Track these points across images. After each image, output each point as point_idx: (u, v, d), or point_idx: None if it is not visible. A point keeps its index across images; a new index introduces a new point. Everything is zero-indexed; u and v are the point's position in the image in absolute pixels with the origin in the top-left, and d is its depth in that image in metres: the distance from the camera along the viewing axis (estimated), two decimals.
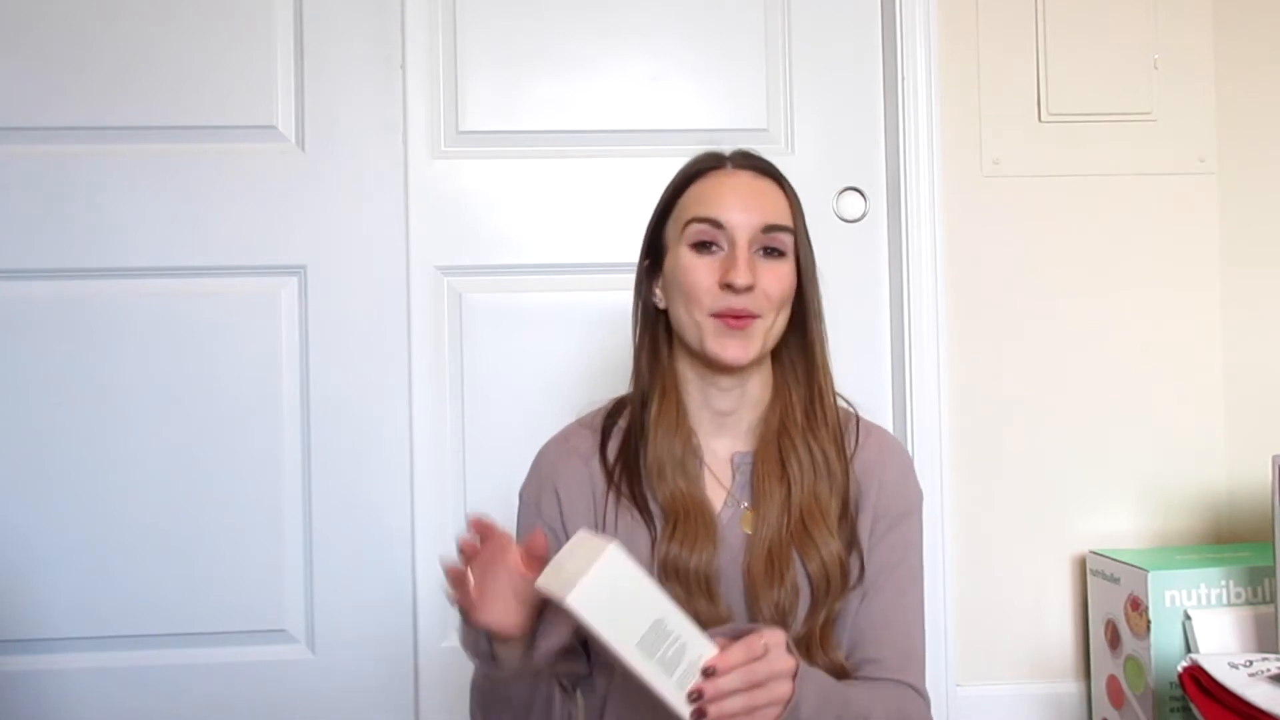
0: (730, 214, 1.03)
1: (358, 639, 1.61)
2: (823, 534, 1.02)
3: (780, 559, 1.02)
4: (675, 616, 0.86)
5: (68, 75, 1.58)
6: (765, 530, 1.03)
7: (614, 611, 0.83)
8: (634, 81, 1.66)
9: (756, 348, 1.03)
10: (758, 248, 1.03)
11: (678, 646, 0.85)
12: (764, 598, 1.01)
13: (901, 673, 1.05)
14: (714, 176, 1.06)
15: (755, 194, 1.04)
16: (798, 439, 1.05)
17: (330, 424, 1.61)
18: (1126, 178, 1.69)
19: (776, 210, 1.04)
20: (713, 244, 1.03)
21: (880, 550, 1.07)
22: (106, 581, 1.58)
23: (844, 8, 1.70)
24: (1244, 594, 1.49)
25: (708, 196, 1.04)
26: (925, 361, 1.64)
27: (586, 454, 1.09)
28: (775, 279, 1.03)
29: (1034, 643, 1.69)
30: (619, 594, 0.84)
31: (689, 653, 0.85)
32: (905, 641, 1.07)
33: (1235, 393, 1.71)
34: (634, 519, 1.05)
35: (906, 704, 1.05)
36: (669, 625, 0.85)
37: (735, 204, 1.03)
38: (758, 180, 1.06)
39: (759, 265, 1.02)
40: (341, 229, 1.62)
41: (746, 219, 1.02)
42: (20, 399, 1.58)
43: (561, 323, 1.65)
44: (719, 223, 1.02)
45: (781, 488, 1.04)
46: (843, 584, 1.03)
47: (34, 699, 1.58)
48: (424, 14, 1.63)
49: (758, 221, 1.03)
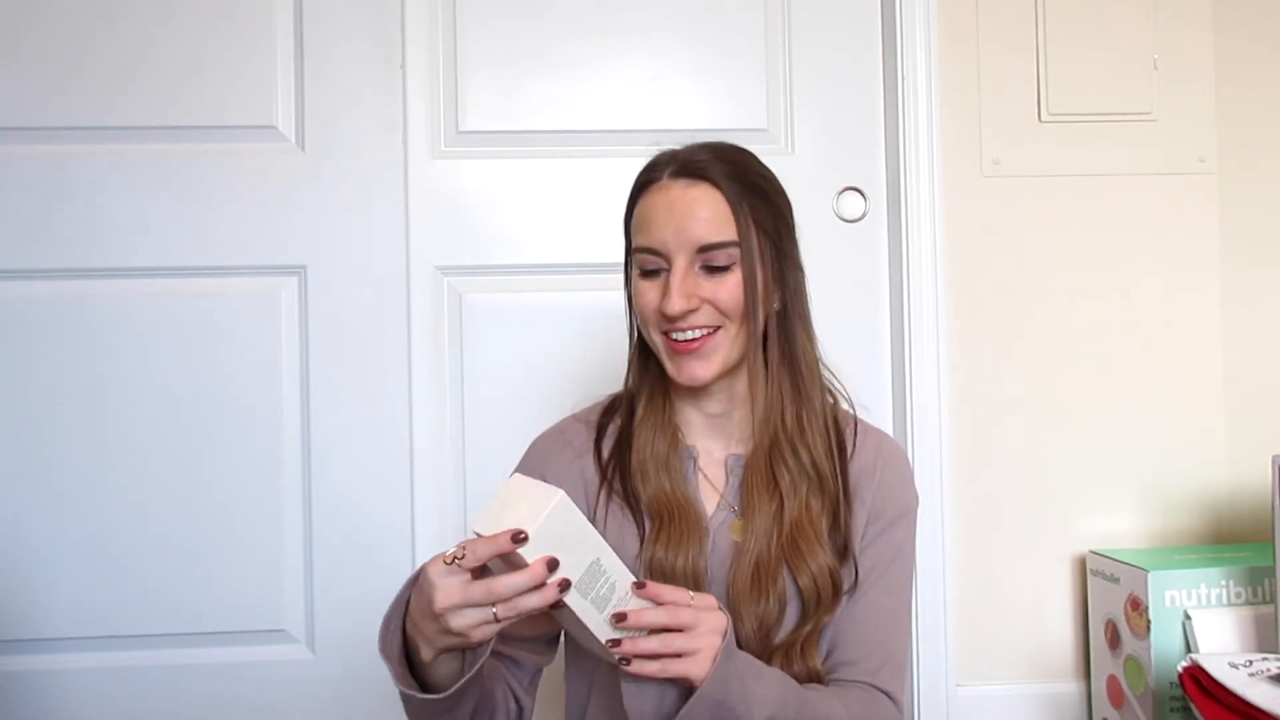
0: (664, 238, 1.00)
1: (358, 639, 1.61)
2: (813, 547, 1.01)
3: (767, 574, 1.00)
4: (609, 557, 0.89)
5: (68, 75, 1.59)
6: (753, 543, 1.01)
7: (559, 554, 0.85)
8: (634, 81, 1.66)
9: (717, 363, 1.01)
10: (699, 265, 1.00)
11: (609, 585, 0.89)
12: (746, 611, 1.00)
13: (876, 677, 1.03)
14: (651, 193, 1.02)
15: (689, 210, 0.99)
16: (786, 448, 1.03)
17: (330, 424, 1.61)
18: (1126, 178, 1.69)
19: (712, 224, 0.99)
20: (656, 269, 1.01)
21: (870, 553, 1.05)
22: (106, 581, 1.58)
23: (844, 8, 1.70)
24: (1244, 594, 1.49)
25: (645, 219, 1.02)
26: (925, 361, 1.64)
27: (580, 449, 1.08)
28: (724, 292, 1.00)
29: (1034, 643, 1.69)
30: (566, 538, 0.86)
31: (618, 591, 0.89)
32: (884, 645, 1.05)
33: (1235, 393, 1.71)
34: (625, 517, 1.04)
35: (875, 709, 1.02)
36: (603, 565, 0.88)
37: (668, 225, 0.99)
38: (692, 190, 1.00)
39: (701, 282, 1.00)
40: (341, 229, 1.62)
41: (679, 240, 0.99)
42: (20, 399, 1.58)
43: (561, 323, 1.65)
44: (655, 250, 1.00)
45: (772, 501, 1.02)
46: (834, 597, 1.02)
47: (34, 699, 1.58)
48: (424, 14, 1.63)
49: (692, 241, 0.99)
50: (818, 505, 1.03)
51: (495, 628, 0.85)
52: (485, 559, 0.84)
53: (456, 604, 0.84)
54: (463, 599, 0.84)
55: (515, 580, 0.83)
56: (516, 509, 0.86)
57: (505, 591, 0.83)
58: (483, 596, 0.84)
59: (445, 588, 0.84)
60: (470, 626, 0.84)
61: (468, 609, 0.84)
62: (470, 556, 0.84)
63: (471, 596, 0.84)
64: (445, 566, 0.85)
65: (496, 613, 0.84)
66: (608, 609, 0.89)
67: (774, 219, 1.03)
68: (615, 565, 0.89)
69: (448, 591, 0.84)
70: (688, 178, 1.01)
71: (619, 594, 0.89)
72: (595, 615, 0.88)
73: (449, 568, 0.84)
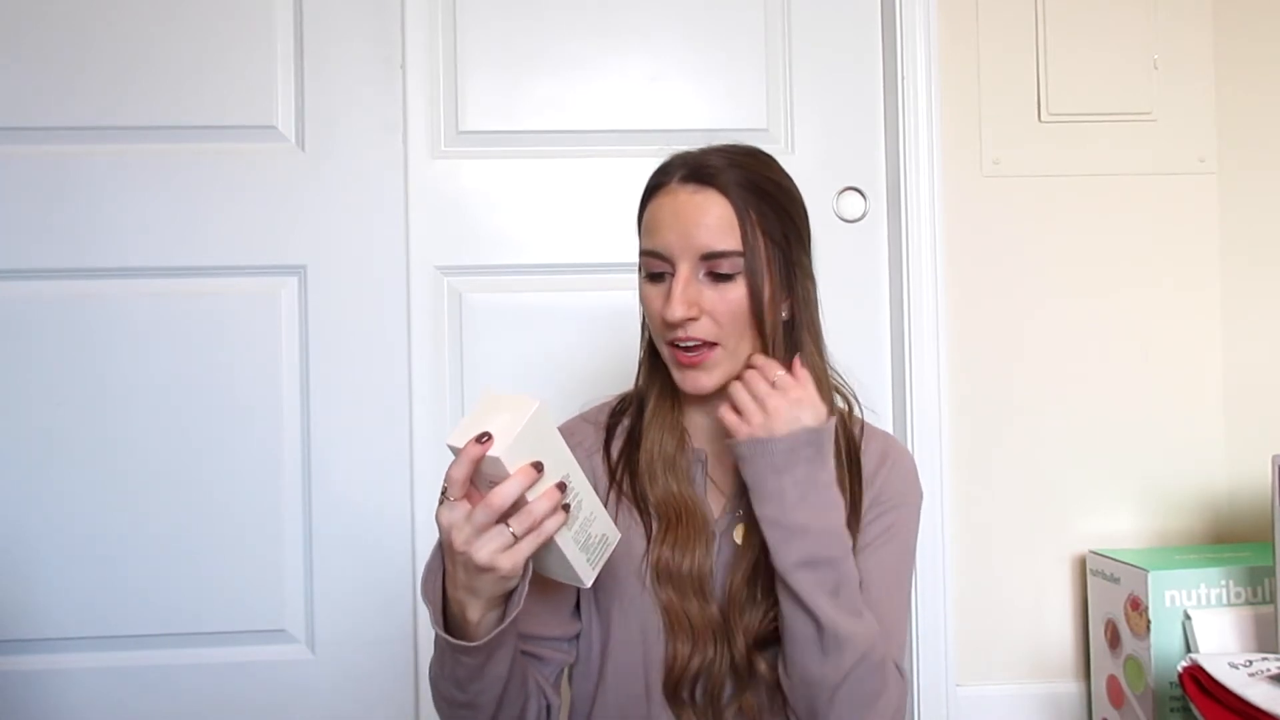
0: (668, 243, 0.99)
1: (358, 639, 1.61)
2: None
3: (762, 582, 1.01)
4: (578, 474, 0.90)
5: (68, 75, 1.59)
6: (751, 554, 1.01)
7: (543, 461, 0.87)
8: (634, 81, 1.66)
9: (718, 376, 1.00)
10: (703, 272, 0.99)
11: (577, 502, 0.90)
12: (742, 613, 1.01)
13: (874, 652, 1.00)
14: (659, 197, 1.01)
15: (695, 216, 0.98)
16: None
17: (330, 424, 1.61)
18: (1126, 178, 1.69)
19: (716, 232, 0.98)
20: (662, 273, 1.01)
21: (868, 532, 1.04)
22: (106, 581, 1.58)
23: (844, 8, 1.70)
24: (1244, 594, 1.49)
25: (652, 223, 1.01)
26: (925, 361, 1.65)
27: (590, 449, 1.08)
28: (723, 304, 0.98)
29: (1034, 642, 1.69)
30: (540, 450, 0.87)
31: (584, 509, 0.91)
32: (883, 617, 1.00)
33: (1235, 393, 1.71)
34: (633, 517, 1.05)
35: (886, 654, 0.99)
36: (573, 482, 0.89)
37: (673, 231, 0.99)
38: (698, 195, 0.99)
39: (704, 290, 0.99)
40: (341, 229, 1.62)
41: (684, 246, 0.98)
42: (20, 399, 1.58)
43: (561, 322, 1.65)
44: (660, 254, 1.00)
45: None
46: None
47: (34, 699, 1.58)
48: (424, 14, 1.63)
49: (696, 248, 0.98)
50: None
51: (520, 550, 0.85)
52: (466, 476, 0.86)
53: (469, 534, 0.85)
54: (471, 525, 0.85)
55: (508, 488, 0.84)
56: (494, 419, 0.86)
57: (502, 501, 0.84)
58: (486, 514, 0.85)
59: (453, 523, 0.86)
60: (494, 553, 0.85)
61: (483, 536, 0.85)
62: (452, 485, 0.86)
63: (478, 520, 0.85)
64: (444, 506, 0.87)
65: (514, 531, 0.85)
66: (575, 524, 0.90)
67: (783, 227, 1.01)
68: (583, 484, 0.91)
69: (456, 525, 0.86)
70: (695, 183, 0.99)
71: (585, 513, 0.91)
72: (563, 531, 0.89)
73: (448, 504, 0.86)
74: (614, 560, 1.00)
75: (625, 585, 1.04)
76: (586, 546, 0.92)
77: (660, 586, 1.02)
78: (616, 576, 1.04)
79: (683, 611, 1.01)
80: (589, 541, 0.92)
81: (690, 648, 1.01)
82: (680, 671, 1.01)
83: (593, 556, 0.93)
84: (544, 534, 0.86)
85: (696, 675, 1.01)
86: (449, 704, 0.97)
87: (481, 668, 0.92)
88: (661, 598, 1.02)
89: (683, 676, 1.01)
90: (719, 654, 1.01)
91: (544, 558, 0.92)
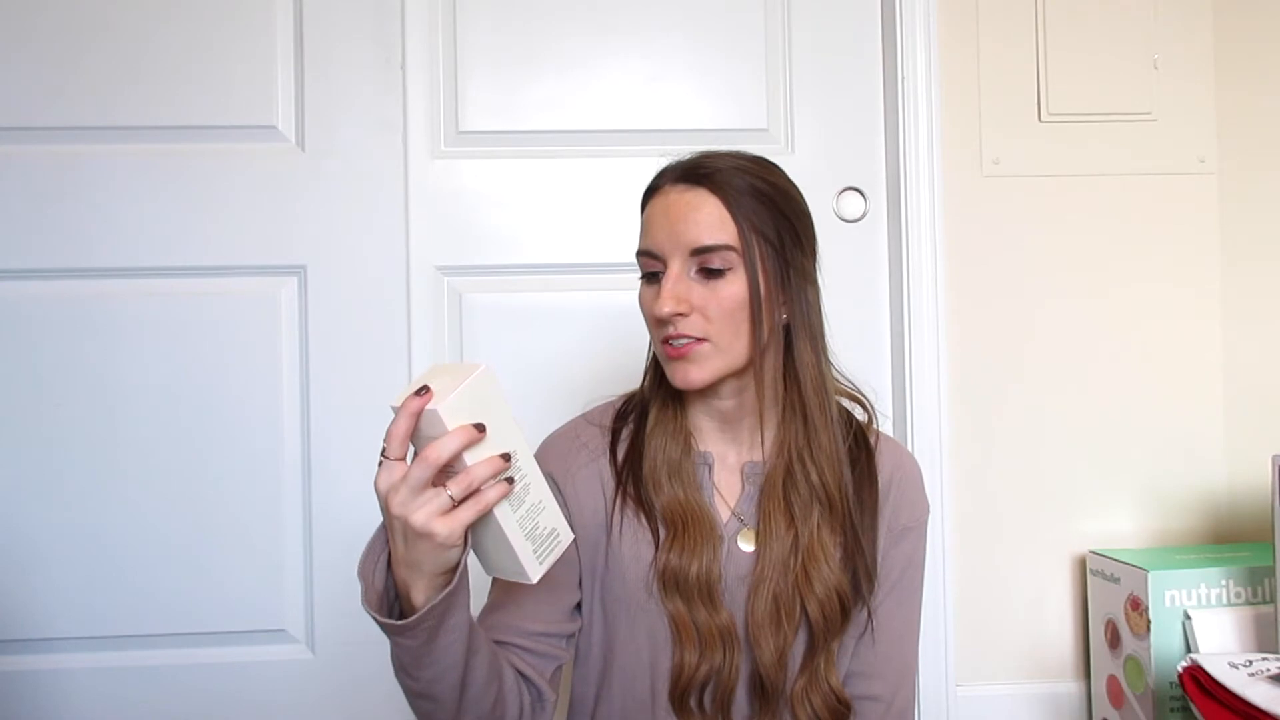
0: (659, 241, 1.00)
1: (358, 639, 1.61)
2: (822, 572, 1.01)
3: (784, 606, 1.01)
4: (528, 456, 0.87)
5: (67, 75, 1.59)
6: (770, 573, 1.01)
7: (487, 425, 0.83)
8: (634, 81, 1.66)
9: (709, 371, 1.00)
10: (695, 269, 0.99)
11: (524, 484, 0.86)
12: (765, 641, 1.01)
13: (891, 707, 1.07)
14: (654, 199, 1.02)
15: (685, 214, 0.98)
16: (798, 471, 1.02)
17: (330, 424, 1.61)
18: (1126, 178, 1.69)
19: (706, 227, 0.98)
20: (656, 273, 1.01)
21: (890, 562, 1.07)
22: (106, 581, 1.58)
23: (844, 8, 1.70)
24: (1244, 594, 1.49)
25: (646, 224, 1.02)
26: (925, 361, 1.65)
27: (596, 452, 1.08)
28: (714, 299, 0.98)
29: (1034, 643, 1.69)
30: (484, 415, 0.83)
31: (532, 494, 0.87)
32: (900, 667, 1.08)
33: (1235, 393, 1.71)
34: (639, 524, 1.04)
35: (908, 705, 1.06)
36: (520, 460, 0.86)
37: (664, 228, 0.99)
38: (689, 194, 0.99)
39: (695, 287, 0.99)
40: (341, 229, 1.62)
41: (675, 243, 0.98)
42: (20, 399, 1.58)
43: (561, 323, 1.65)
44: (652, 253, 1.00)
45: (789, 531, 1.02)
46: (841, 622, 1.02)
47: (34, 699, 1.58)
48: (424, 14, 1.63)
49: (686, 244, 0.98)
50: (828, 529, 1.03)
51: (459, 517, 0.82)
52: (406, 431, 0.83)
53: (405, 496, 0.82)
54: (407, 486, 0.82)
55: (446, 442, 0.81)
56: (437, 379, 0.84)
57: (438, 455, 0.81)
58: (422, 469, 0.82)
59: (390, 484, 0.84)
60: (430, 515, 0.82)
61: (420, 497, 0.82)
62: (390, 441, 0.83)
63: (414, 478, 0.82)
64: (382, 469, 0.84)
65: (452, 494, 0.82)
66: (521, 508, 0.86)
67: (779, 227, 1.00)
68: (535, 470, 0.87)
69: (393, 487, 0.83)
70: (686, 183, 1.00)
71: (532, 500, 0.87)
72: (506, 510, 0.86)
73: (386, 466, 0.84)
74: (622, 567, 1.00)
75: (633, 592, 1.03)
76: (533, 536, 0.88)
77: (667, 595, 1.01)
78: (625, 582, 1.04)
79: (690, 620, 1.01)
80: (536, 531, 0.88)
81: (697, 656, 1.01)
82: (687, 681, 1.01)
83: (540, 550, 0.88)
84: (483, 502, 0.83)
85: (704, 683, 1.02)
86: (408, 694, 0.95)
87: (423, 650, 0.89)
88: (669, 607, 1.01)
89: (689, 685, 1.01)
90: (727, 660, 1.01)
91: (488, 545, 0.88)
